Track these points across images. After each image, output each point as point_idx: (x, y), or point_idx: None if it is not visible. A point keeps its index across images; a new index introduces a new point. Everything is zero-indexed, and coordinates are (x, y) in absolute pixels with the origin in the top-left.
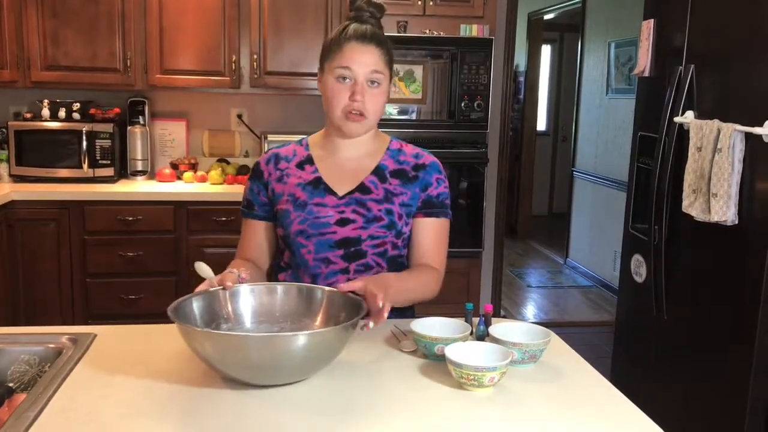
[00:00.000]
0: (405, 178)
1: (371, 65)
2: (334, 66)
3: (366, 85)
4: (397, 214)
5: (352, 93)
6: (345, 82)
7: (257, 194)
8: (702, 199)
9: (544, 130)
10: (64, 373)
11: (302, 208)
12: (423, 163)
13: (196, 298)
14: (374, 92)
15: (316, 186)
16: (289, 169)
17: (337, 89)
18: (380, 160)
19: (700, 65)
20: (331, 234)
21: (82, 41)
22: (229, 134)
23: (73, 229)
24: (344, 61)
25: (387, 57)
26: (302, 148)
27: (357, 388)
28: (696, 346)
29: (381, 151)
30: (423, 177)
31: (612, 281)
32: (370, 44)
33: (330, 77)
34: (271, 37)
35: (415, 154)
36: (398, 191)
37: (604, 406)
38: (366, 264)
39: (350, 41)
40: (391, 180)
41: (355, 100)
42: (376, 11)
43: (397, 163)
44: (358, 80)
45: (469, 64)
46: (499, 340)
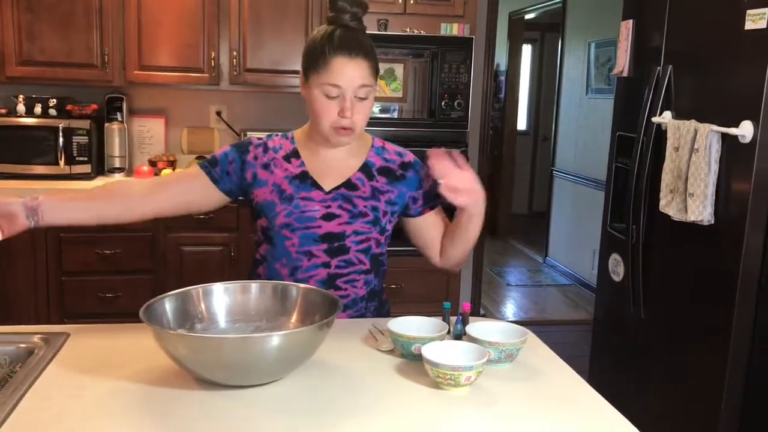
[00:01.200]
0: (392, 176)
1: (359, 80)
2: (321, 81)
3: (354, 100)
4: (382, 211)
5: (341, 110)
6: (333, 98)
7: (229, 162)
8: (679, 198)
9: (525, 129)
10: (36, 374)
11: (289, 201)
12: (408, 161)
13: (169, 299)
14: (363, 105)
15: (303, 180)
16: (277, 159)
17: (326, 105)
18: (367, 157)
19: (677, 66)
20: (316, 228)
21: (59, 36)
22: (208, 131)
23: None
24: (333, 78)
25: (374, 66)
26: (288, 141)
27: (332, 388)
28: (672, 344)
29: (365, 148)
30: (411, 176)
31: (590, 280)
32: (358, 57)
33: (317, 91)
34: (251, 34)
35: (398, 152)
36: (385, 189)
37: (579, 405)
38: (348, 260)
39: (337, 55)
40: (378, 177)
41: (345, 117)
42: (359, 11)
43: (383, 161)
44: (346, 97)
45: (450, 63)
46: (476, 339)
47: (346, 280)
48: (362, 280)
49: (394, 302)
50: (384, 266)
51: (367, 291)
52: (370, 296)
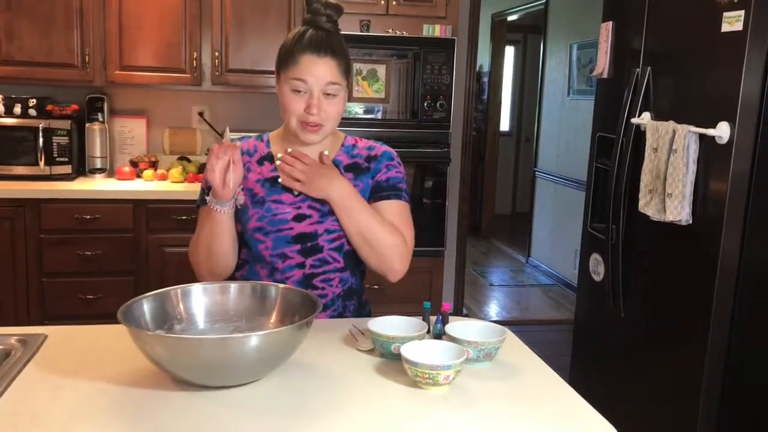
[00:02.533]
0: (358, 170)
1: (327, 78)
2: (289, 77)
3: (322, 97)
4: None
5: (308, 106)
6: (300, 93)
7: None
8: (658, 199)
9: (508, 130)
10: (12, 375)
11: (260, 205)
12: (375, 154)
13: (147, 300)
14: (331, 102)
15: (273, 183)
16: (251, 163)
17: (293, 100)
18: (335, 155)
19: (656, 67)
20: (288, 230)
21: (38, 35)
22: (191, 132)
23: (29, 227)
24: (299, 74)
25: (344, 66)
26: (263, 144)
27: (311, 388)
28: (651, 343)
29: (336, 148)
30: (374, 167)
31: (572, 280)
32: (326, 56)
33: (286, 87)
34: (233, 34)
35: (368, 146)
36: (352, 184)
37: (558, 404)
38: (323, 259)
39: (305, 53)
40: (345, 174)
41: (311, 113)
42: (333, 13)
43: (350, 157)
44: (313, 93)
45: (432, 64)
46: (455, 339)
47: (322, 279)
48: (338, 279)
49: (375, 302)
50: (362, 265)
51: (343, 289)
52: (347, 295)
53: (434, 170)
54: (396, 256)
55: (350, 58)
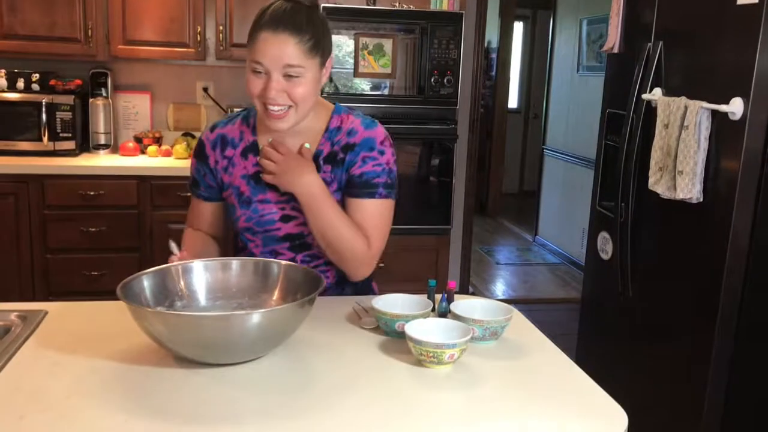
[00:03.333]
0: (334, 162)
1: (283, 59)
2: (250, 58)
3: (282, 79)
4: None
5: (264, 88)
6: (259, 75)
7: (203, 176)
8: (668, 176)
9: (516, 107)
10: (11, 352)
11: (247, 205)
12: (353, 142)
13: (148, 276)
14: (294, 83)
15: (258, 180)
16: (235, 157)
17: (251, 81)
18: (317, 145)
19: (668, 42)
20: (276, 230)
21: (41, 9)
22: (195, 107)
23: (32, 203)
24: (256, 55)
25: (309, 44)
26: (249, 130)
27: (314, 366)
28: (659, 322)
29: (320, 131)
30: (349, 159)
31: (580, 258)
32: (284, 32)
33: (248, 69)
34: (237, 8)
35: (350, 129)
36: (329, 179)
37: (565, 384)
38: (313, 255)
39: (262, 30)
40: (324, 167)
41: (269, 97)
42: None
43: (331, 146)
44: (271, 76)
45: (440, 39)
46: (461, 317)
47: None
48: (332, 271)
49: (379, 281)
50: None
51: (337, 278)
52: (340, 282)
53: (441, 147)
54: (356, 261)
55: (324, 32)
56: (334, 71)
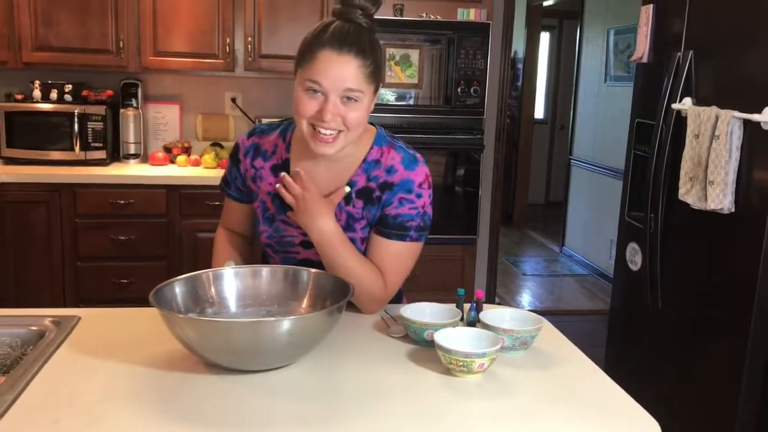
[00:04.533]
0: (369, 199)
1: (345, 82)
2: (304, 76)
3: (338, 102)
4: (360, 240)
5: (321, 110)
6: (314, 94)
7: (234, 179)
8: (699, 186)
9: (542, 118)
10: (46, 356)
11: (270, 222)
12: (391, 182)
13: (179, 283)
14: (351, 108)
15: (284, 201)
16: (263, 170)
17: (304, 101)
18: (352, 175)
19: (698, 51)
20: (294, 254)
21: (75, 22)
22: (223, 118)
23: (64, 212)
24: (314, 74)
25: (370, 68)
26: (284, 146)
27: (343, 374)
28: (690, 334)
29: (355, 163)
30: (386, 198)
31: (607, 270)
32: (348, 54)
33: (299, 87)
34: (266, 19)
35: (390, 167)
36: (359, 215)
37: (595, 394)
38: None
39: (324, 48)
40: (355, 201)
41: (323, 120)
42: (370, 5)
43: (367, 179)
44: (329, 97)
45: (467, 49)
46: (490, 327)
47: None
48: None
49: (408, 290)
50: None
51: None
52: None
53: (467, 157)
54: (370, 301)
55: (382, 59)
56: None
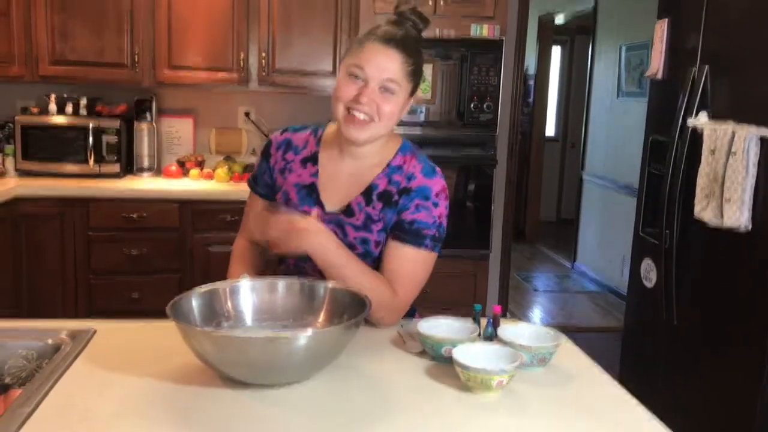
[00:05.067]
0: (388, 202)
1: (387, 72)
2: (349, 62)
3: (377, 90)
4: (374, 242)
5: (359, 94)
6: (355, 79)
7: (263, 173)
8: (715, 203)
9: (553, 135)
10: (62, 369)
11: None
12: (410, 186)
13: (196, 296)
14: (386, 99)
15: (309, 193)
16: (294, 163)
17: (345, 84)
18: (374, 177)
19: (714, 66)
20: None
21: (90, 36)
22: (237, 132)
23: (77, 225)
24: (360, 60)
25: (411, 68)
26: (314, 141)
27: (360, 390)
28: (706, 352)
29: (382, 165)
30: (402, 203)
31: (620, 287)
32: (394, 48)
33: (343, 71)
34: (280, 34)
35: (410, 174)
36: (377, 217)
37: (615, 411)
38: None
39: (373, 41)
40: (375, 203)
41: (359, 102)
42: (419, 22)
43: (388, 183)
44: (369, 83)
45: (479, 65)
46: (508, 343)
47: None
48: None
49: (420, 305)
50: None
51: None
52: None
53: (480, 172)
54: (381, 311)
55: (422, 65)
56: None
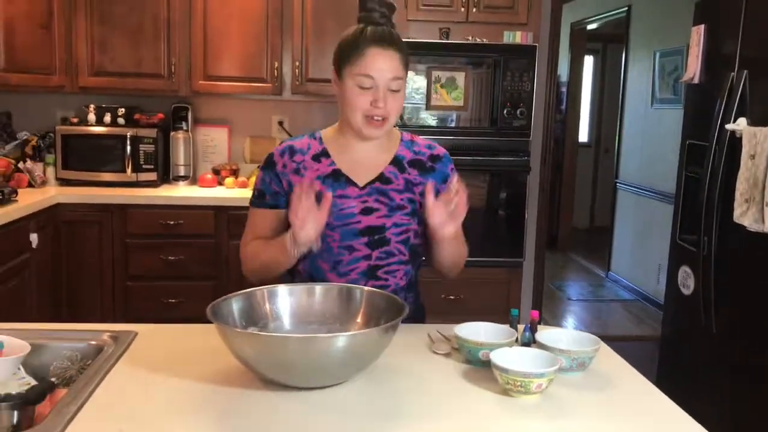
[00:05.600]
0: (422, 168)
1: (393, 71)
2: (355, 72)
3: (387, 91)
4: (418, 202)
5: (374, 100)
6: (366, 88)
7: (269, 184)
8: (755, 208)
9: (587, 141)
10: (105, 370)
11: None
12: (438, 154)
13: (236, 299)
14: (394, 97)
15: (337, 178)
16: (306, 161)
17: (358, 96)
18: (396, 151)
19: (753, 70)
20: (355, 224)
21: (128, 48)
22: (270, 141)
23: (115, 231)
24: (366, 69)
25: (405, 59)
26: (316, 141)
27: (398, 392)
28: (747, 359)
29: (395, 143)
30: (441, 168)
31: (655, 295)
32: (390, 48)
33: (350, 82)
34: (313, 44)
35: (428, 145)
36: (417, 180)
37: (655, 416)
38: (388, 251)
39: (371, 46)
40: (409, 170)
41: (378, 107)
42: (387, 10)
43: (413, 153)
44: (379, 87)
45: (512, 71)
46: (547, 347)
47: (386, 270)
48: (402, 271)
49: (452, 313)
50: (421, 257)
51: (406, 282)
52: (408, 287)
53: (512, 179)
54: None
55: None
56: (406, 104)
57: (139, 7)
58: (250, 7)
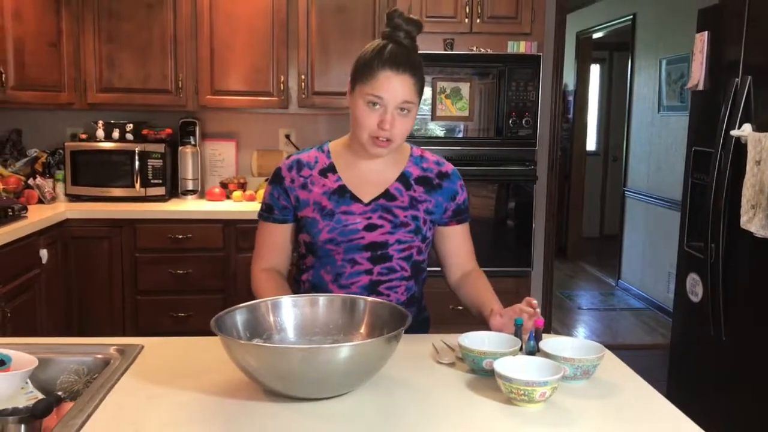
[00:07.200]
0: (429, 185)
1: (403, 96)
2: (366, 91)
3: (395, 113)
4: (422, 219)
5: (381, 121)
6: (375, 108)
7: (277, 198)
8: (762, 214)
9: (594, 150)
10: (111, 383)
11: (330, 216)
12: (446, 171)
13: (240, 311)
14: (403, 119)
15: (342, 194)
16: (313, 176)
17: (366, 114)
18: (405, 167)
19: (758, 76)
20: (359, 239)
21: (136, 64)
22: (278, 154)
23: (125, 246)
24: (376, 89)
25: (419, 84)
26: (324, 155)
27: (403, 402)
28: (757, 367)
29: (404, 158)
30: (448, 186)
31: (666, 303)
32: (405, 73)
33: (360, 100)
34: (318, 58)
35: (436, 161)
36: (422, 198)
37: (660, 424)
38: (391, 267)
39: (385, 68)
40: (415, 187)
41: (384, 129)
42: (413, 29)
43: (420, 170)
44: (388, 109)
45: (517, 81)
46: (551, 355)
47: (387, 286)
48: (403, 287)
49: (461, 323)
50: (424, 273)
51: (407, 297)
52: (409, 302)
53: (519, 189)
54: None
55: (424, 75)
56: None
57: (146, 23)
58: (255, 22)
